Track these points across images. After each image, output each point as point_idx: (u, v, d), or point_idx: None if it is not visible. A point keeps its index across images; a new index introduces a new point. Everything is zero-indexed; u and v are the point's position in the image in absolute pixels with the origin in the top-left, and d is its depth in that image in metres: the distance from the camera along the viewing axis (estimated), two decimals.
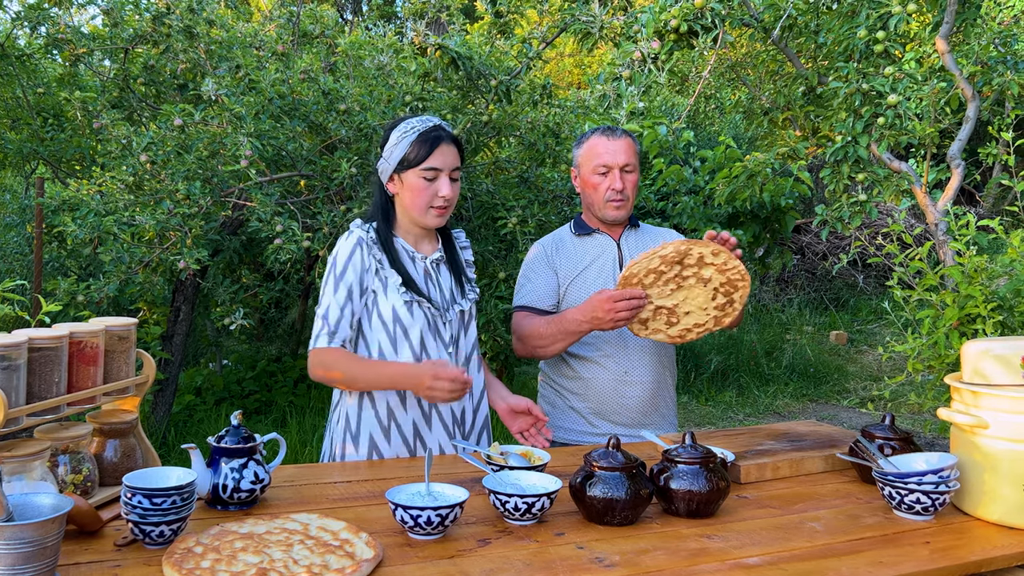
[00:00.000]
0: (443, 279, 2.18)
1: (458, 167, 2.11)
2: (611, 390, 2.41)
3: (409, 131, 2.07)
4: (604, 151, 2.41)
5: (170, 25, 4.39)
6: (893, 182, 3.60)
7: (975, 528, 1.59)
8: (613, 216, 2.45)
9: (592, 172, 2.43)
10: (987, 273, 2.35)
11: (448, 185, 2.07)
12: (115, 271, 3.78)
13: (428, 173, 2.05)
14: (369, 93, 4.50)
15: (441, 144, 2.06)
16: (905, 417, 6.20)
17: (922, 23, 4.15)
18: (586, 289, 2.40)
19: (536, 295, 2.44)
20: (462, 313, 2.17)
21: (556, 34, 4.44)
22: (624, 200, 2.42)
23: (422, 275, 2.13)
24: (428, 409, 2.09)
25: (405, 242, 2.15)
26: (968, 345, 1.71)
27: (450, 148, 2.08)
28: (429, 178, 2.05)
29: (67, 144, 5.29)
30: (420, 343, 2.07)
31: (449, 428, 2.12)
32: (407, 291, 2.06)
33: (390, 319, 2.06)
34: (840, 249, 9.99)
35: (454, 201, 2.12)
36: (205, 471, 1.61)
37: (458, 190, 2.12)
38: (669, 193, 5.57)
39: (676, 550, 1.44)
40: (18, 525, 1.18)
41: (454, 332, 2.14)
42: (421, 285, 2.11)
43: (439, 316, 2.11)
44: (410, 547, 1.43)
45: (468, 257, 2.29)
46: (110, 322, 1.74)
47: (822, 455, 1.98)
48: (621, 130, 2.46)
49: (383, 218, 2.14)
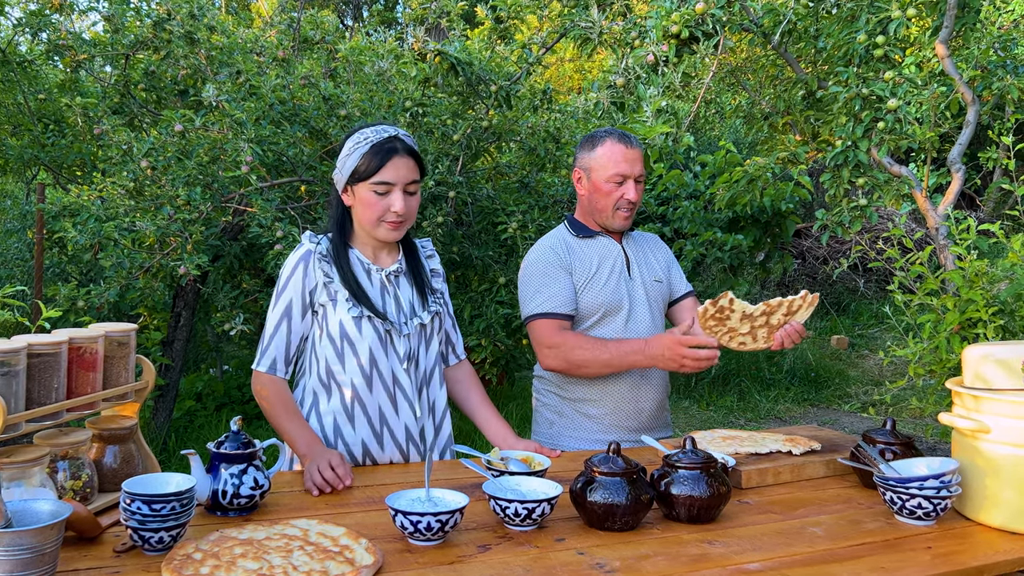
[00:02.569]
0: (403, 292, 2.09)
1: (416, 180, 2.01)
2: (629, 396, 2.38)
3: (362, 142, 1.98)
4: (623, 159, 2.35)
5: (171, 31, 4.40)
6: (893, 186, 3.60)
7: (977, 533, 1.59)
8: (621, 226, 2.41)
9: (607, 179, 2.36)
10: (988, 277, 2.35)
11: (401, 200, 1.98)
12: (115, 277, 3.78)
13: (379, 187, 1.96)
14: (369, 99, 4.51)
15: (394, 157, 1.96)
16: (906, 421, 6.19)
17: (922, 28, 4.16)
18: (601, 291, 2.36)
19: (558, 300, 2.33)
20: (422, 327, 2.08)
21: (556, 39, 4.45)
22: (632, 210, 2.40)
23: (378, 288, 2.05)
24: (380, 427, 2.02)
25: (362, 254, 2.07)
26: (969, 349, 1.71)
27: (405, 161, 1.98)
28: (380, 192, 1.97)
29: (68, 150, 5.30)
30: (370, 359, 2.00)
31: (403, 446, 2.05)
32: (356, 305, 1.99)
33: (337, 334, 2.00)
34: (841, 253, 9.99)
35: (411, 215, 2.03)
36: (205, 477, 1.61)
37: (416, 203, 2.03)
38: (669, 198, 5.58)
39: (677, 556, 1.44)
40: (17, 531, 1.17)
41: (412, 347, 2.06)
42: (375, 299, 2.03)
43: (393, 331, 2.02)
44: (410, 553, 1.43)
45: (434, 266, 2.19)
46: (110, 328, 1.74)
47: (823, 460, 1.97)
48: (635, 138, 2.42)
49: (338, 229, 2.07)
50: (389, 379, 2.02)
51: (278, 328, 2.02)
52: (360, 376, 2.00)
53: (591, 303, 2.36)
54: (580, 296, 2.37)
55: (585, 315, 2.37)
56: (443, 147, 4.37)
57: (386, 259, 2.10)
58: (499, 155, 5.06)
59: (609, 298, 2.36)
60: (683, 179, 5.72)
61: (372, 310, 2.00)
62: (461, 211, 4.59)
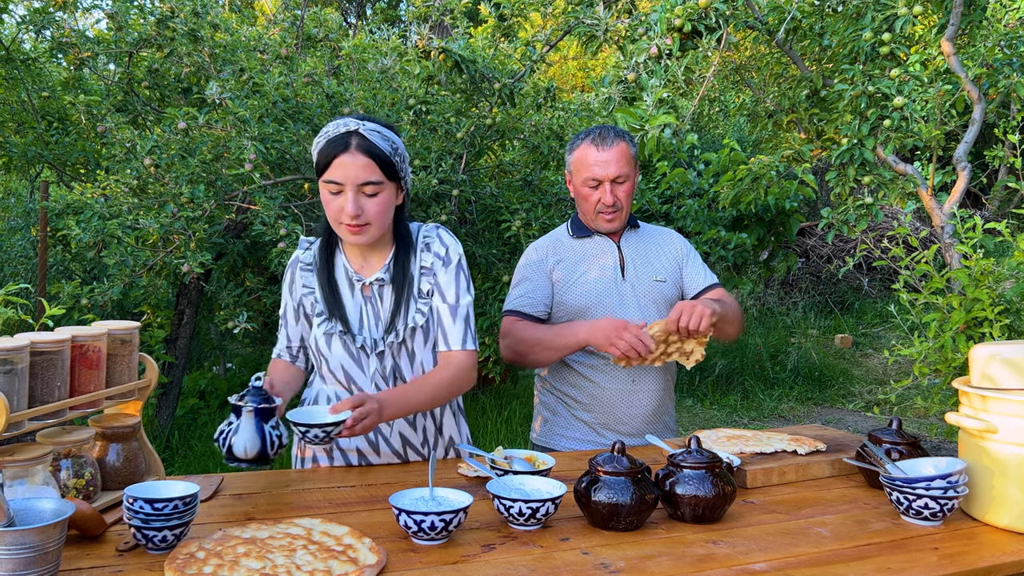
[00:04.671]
0: (384, 304, 1.94)
1: (373, 182, 1.80)
2: (619, 400, 2.36)
3: (322, 135, 1.83)
4: (594, 162, 2.28)
5: (174, 29, 4.40)
6: (899, 185, 3.58)
7: (984, 534, 1.58)
8: (605, 228, 2.38)
9: (582, 183, 2.33)
10: (994, 276, 2.33)
11: (353, 202, 1.79)
12: (119, 274, 3.79)
13: (331, 187, 1.81)
14: (373, 96, 4.51)
15: (343, 154, 1.78)
16: (911, 421, 6.18)
17: (927, 25, 4.14)
18: (586, 292, 2.35)
19: (527, 300, 2.35)
20: (402, 343, 1.92)
21: (560, 37, 4.44)
22: (617, 211, 2.33)
23: (357, 302, 1.95)
24: (374, 436, 1.99)
25: (349, 260, 1.96)
26: (976, 349, 1.70)
27: (356, 159, 1.78)
28: (333, 192, 1.82)
29: (71, 148, 5.31)
30: (345, 376, 1.95)
31: (400, 451, 2.01)
32: (327, 321, 1.93)
33: (315, 349, 1.97)
34: (845, 252, 9.97)
35: (373, 218, 1.82)
36: (256, 431, 1.66)
37: (377, 206, 1.82)
38: (673, 196, 5.57)
39: (682, 556, 1.43)
40: (19, 530, 1.17)
41: (389, 365, 1.94)
42: (352, 314, 1.93)
43: (366, 347, 1.93)
44: (414, 552, 1.42)
45: (426, 262, 1.95)
46: (113, 326, 1.73)
47: (829, 460, 1.96)
48: (614, 135, 2.30)
49: (327, 231, 1.95)
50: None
51: (281, 327, 2.08)
52: (343, 390, 1.97)
53: (574, 303, 2.35)
54: (563, 295, 2.36)
55: (568, 315, 2.36)
56: (446, 145, 4.37)
57: (374, 262, 1.95)
58: (502, 153, 5.06)
59: (595, 299, 2.34)
60: (687, 177, 5.71)
61: (344, 325, 1.92)
62: (464, 209, 4.58)
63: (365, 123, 1.83)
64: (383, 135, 1.84)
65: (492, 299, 4.31)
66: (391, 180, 1.85)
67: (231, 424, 1.70)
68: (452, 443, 2.11)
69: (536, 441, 2.50)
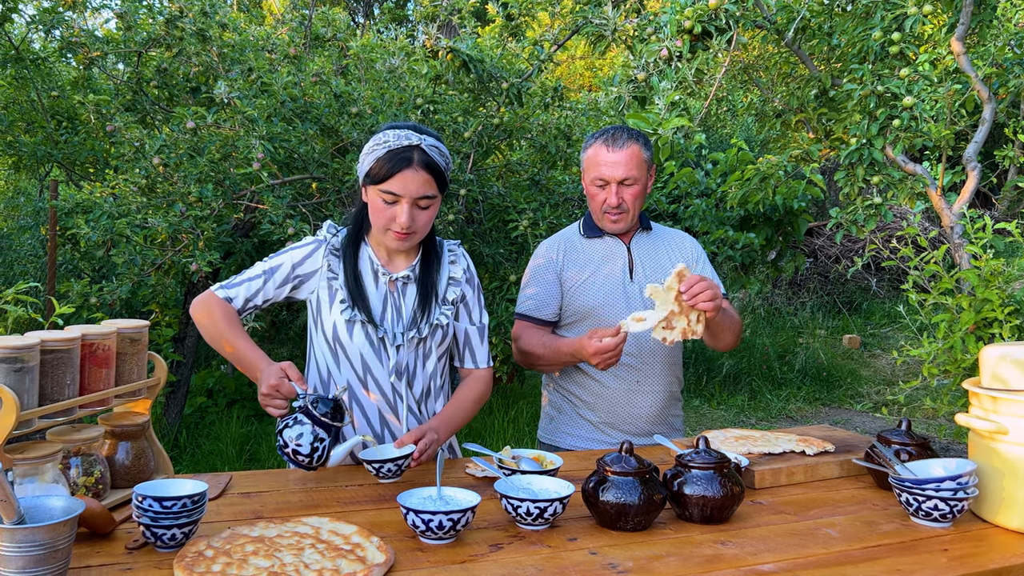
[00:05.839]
0: (407, 300, 2.00)
1: (429, 196, 1.90)
2: (623, 400, 2.37)
3: (381, 144, 1.89)
4: (603, 163, 2.29)
5: (183, 28, 4.41)
6: (908, 185, 3.57)
7: (994, 535, 1.57)
8: (611, 229, 2.39)
9: (591, 182, 2.34)
10: (1004, 276, 2.32)
11: (407, 214, 1.88)
12: (128, 273, 3.80)
13: (387, 196, 1.88)
14: (381, 96, 4.51)
15: (406, 169, 1.86)
16: (919, 422, 6.15)
17: (937, 25, 4.12)
18: (594, 294, 2.35)
19: (536, 303, 2.38)
20: (421, 341, 1.99)
21: (568, 36, 4.44)
22: (623, 213, 2.33)
23: (381, 293, 1.99)
24: (380, 428, 2.00)
25: (375, 254, 2.01)
26: (987, 350, 1.69)
27: (418, 174, 1.87)
28: (388, 201, 1.89)
29: (81, 147, 5.33)
30: (362, 364, 1.96)
31: None
32: (349, 308, 1.94)
33: (331, 336, 1.96)
34: (853, 252, 9.93)
35: (421, 229, 1.93)
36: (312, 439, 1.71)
37: (428, 217, 1.92)
38: (681, 196, 5.56)
39: (690, 556, 1.43)
40: (30, 528, 1.18)
41: (407, 361, 1.98)
42: (375, 304, 1.97)
43: (386, 339, 1.96)
44: (422, 552, 1.42)
45: (455, 273, 2.07)
46: (122, 324, 1.74)
47: (837, 460, 1.95)
48: (627, 136, 2.30)
49: (356, 224, 2.01)
50: (387, 387, 1.98)
51: (256, 277, 1.98)
52: (356, 379, 1.98)
53: (583, 304, 2.36)
54: (572, 297, 2.38)
55: (577, 316, 2.37)
56: (454, 144, 4.37)
57: (400, 262, 2.03)
58: (510, 152, 5.05)
59: (602, 300, 2.35)
60: (694, 177, 5.69)
61: (367, 315, 1.94)
62: (472, 209, 4.58)
63: (426, 138, 1.90)
64: (440, 151, 1.93)
65: (500, 298, 4.30)
66: (441, 193, 1.96)
67: (295, 421, 1.71)
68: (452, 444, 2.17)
69: (542, 439, 2.51)
